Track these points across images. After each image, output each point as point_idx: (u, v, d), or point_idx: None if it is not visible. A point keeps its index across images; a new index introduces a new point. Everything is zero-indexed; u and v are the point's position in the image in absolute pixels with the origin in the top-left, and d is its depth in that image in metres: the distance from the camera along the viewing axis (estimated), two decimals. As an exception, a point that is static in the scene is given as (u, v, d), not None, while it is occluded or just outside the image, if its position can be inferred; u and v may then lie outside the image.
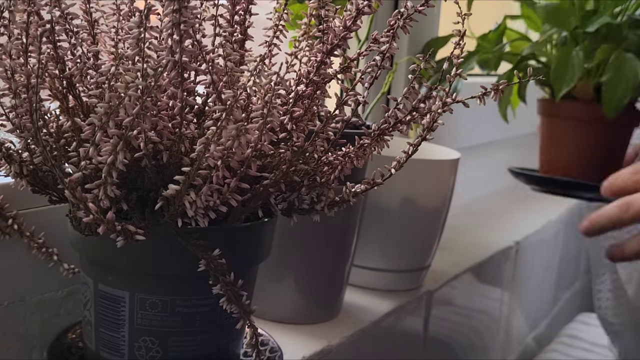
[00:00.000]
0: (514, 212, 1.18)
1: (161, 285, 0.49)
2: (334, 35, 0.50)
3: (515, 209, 1.16)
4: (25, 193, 0.51)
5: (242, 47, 0.53)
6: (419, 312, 0.86)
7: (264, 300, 0.68)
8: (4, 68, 0.45)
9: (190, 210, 0.45)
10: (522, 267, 1.21)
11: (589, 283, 1.85)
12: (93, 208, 0.42)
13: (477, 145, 1.31)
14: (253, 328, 0.49)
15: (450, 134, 1.17)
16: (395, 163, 0.53)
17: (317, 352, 0.67)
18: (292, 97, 0.51)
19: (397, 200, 0.81)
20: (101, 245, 0.48)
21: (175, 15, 0.42)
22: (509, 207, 1.14)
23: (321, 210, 0.54)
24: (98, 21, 0.52)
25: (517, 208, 1.15)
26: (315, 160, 0.52)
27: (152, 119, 0.44)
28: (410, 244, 0.84)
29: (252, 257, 0.53)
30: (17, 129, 0.47)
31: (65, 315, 0.61)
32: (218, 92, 0.47)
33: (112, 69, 0.44)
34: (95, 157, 0.44)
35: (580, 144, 0.94)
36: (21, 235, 0.56)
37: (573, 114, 0.93)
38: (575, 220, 1.54)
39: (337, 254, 0.71)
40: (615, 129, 0.93)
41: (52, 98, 0.50)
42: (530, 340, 1.41)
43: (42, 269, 0.58)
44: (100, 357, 0.52)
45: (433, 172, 0.83)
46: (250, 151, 0.45)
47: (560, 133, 0.95)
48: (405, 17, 0.49)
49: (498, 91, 0.50)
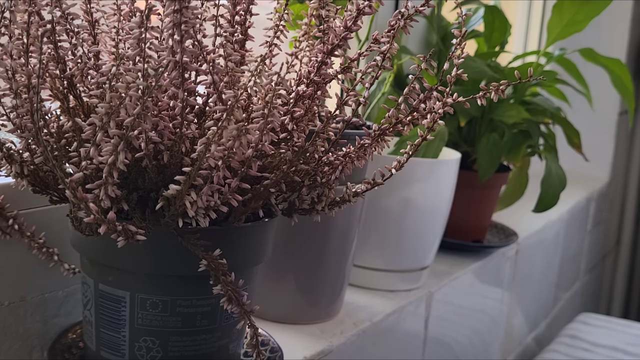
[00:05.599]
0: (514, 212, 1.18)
1: (162, 285, 0.49)
2: (335, 36, 0.50)
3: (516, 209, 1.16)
4: (26, 193, 0.51)
5: (242, 47, 0.53)
6: (419, 312, 0.86)
7: (264, 300, 0.68)
8: (4, 68, 0.46)
9: (191, 211, 0.45)
10: (522, 267, 1.21)
11: (589, 283, 1.85)
12: (94, 208, 0.42)
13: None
14: (253, 328, 0.49)
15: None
16: (395, 163, 0.53)
17: (317, 352, 0.67)
18: (292, 97, 0.51)
19: (397, 200, 0.81)
20: (102, 245, 0.48)
21: (176, 15, 0.42)
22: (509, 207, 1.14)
23: (322, 210, 0.54)
24: (99, 21, 0.53)
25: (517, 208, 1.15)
26: (316, 161, 0.52)
27: (153, 119, 0.44)
28: (410, 244, 0.84)
29: (253, 257, 0.53)
30: (18, 129, 0.47)
31: (66, 315, 0.61)
32: (219, 92, 0.47)
33: (113, 69, 0.44)
34: (96, 157, 0.44)
35: None
36: (22, 235, 0.56)
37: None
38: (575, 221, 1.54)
39: (337, 254, 0.71)
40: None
41: (52, 98, 0.50)
42: (530, 340, 1.41)
43: (42, 269, 0.58)
44: (100, 357, 0.52)
45: (433, 172, 0.83)
46: (251, 151, 0.45)
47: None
48: (406, 18, 0.49)
49: (498, 91, 0.50)
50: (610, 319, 1.49)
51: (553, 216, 1.34)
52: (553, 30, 1.06)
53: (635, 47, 1.88)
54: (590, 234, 1.73)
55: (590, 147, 1.23)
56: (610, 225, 1.98)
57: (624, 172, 2.03)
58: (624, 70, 1.08)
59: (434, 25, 1.03)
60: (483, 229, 1.08)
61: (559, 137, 1.06)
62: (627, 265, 2.13)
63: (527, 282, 1.29)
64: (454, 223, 0.95)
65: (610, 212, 1.95)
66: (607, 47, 1.55)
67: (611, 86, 1.11)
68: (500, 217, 1.18)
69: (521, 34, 1.69)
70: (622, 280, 2.13)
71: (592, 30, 1.19)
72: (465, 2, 1.08)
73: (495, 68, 1.00)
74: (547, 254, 1.39)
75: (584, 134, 1.09)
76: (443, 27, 1.04)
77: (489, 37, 1.03)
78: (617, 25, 1.78)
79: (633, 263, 2.14)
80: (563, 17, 1.05)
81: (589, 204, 1.64)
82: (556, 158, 1.04)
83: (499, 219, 1.17)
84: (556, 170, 1.02)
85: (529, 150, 1.06)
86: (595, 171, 1.75)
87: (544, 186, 1.01)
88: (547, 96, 1.12)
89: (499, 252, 1.08)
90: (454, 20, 0.57)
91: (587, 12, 1.04)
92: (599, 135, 1.77)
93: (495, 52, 1.04)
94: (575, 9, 1.04)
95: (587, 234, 1.69)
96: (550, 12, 1.06)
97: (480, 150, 0.98)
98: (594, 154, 1.37)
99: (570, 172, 1.15)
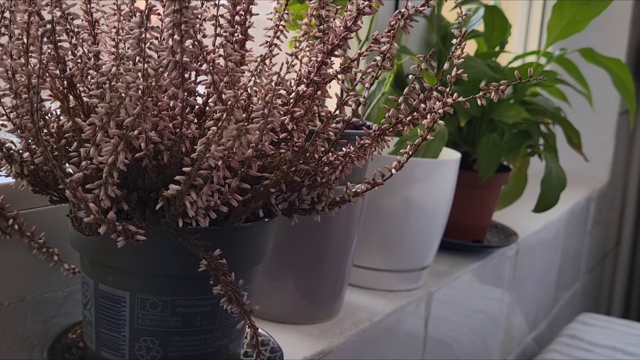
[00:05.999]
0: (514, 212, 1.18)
1: (162, 285, 0.49)
2: (335, 36, 0.50)
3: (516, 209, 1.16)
4: (26, 193, 0.51)
5: (242, 47, 0.53)
6: (419, 312, 0.86)
7: (264, 300, 0.68)
8: (4, 68, 0.46)
9: (191, 211, 0.45)
10: (522, 267, 1.21)
11: (589, 283, 1.85)
12: (94, 208, 0.42)
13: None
14: (253, 328, 0.49)
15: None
16: (395, 163, 0.53)
17: (317, 352, 0.67)
18: (292, 97, 0.51)
19: (397, 200, 0.81)
20: (102, 245, 0.48)
21: (176, 15, 0.42)
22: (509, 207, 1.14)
23: (322, 210, 0.54)
24: (99, 21, 0.52)
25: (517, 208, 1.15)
26: (316, 161, 0.52)
27: (152, 119, 0.44)
28: (410, 244, 0.84)
29: (253, 257, 0.53)
30: (18, 129, 0.47)
31: (66, 315, 0.61)
32: (219, 92, 0.47)
33: (113, 69, 0.44)
34: (96, 157, 0.44)
35: None
36: (22, 235, 0.56)
37: None
38: (575, 221, 1.54)
39: (337, 254, 0.71)
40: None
41: (52, 98, 0.50)
42: (530, 340, 1.41)
43: (42, 269, 0.58)
44: (100, 357, 0.52)
45: (433, 172, 0.83)
46: (251, 151, 0.45)
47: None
48: (406, 18, 0.49)
49: (498, 91, 0.50)
50: (610, 319, 1.49)
51: (553, 216, 1.34)
52: (553, 30, 1.06)
53: (635, 47, 1.88)
54: (590, 234, 1.73)
55: (590, 147, 1.23)
56: (610, 225, 1.98)
57: (624, 172, 2.03)
58: (624, 70, 1.08)
59: (434, 25, 1.03)
60: (483, 229, 1.08)
61: (559, 137, 1.06)
62: (627, 265, 2.13)
63: (527, 282, 1.29)
64: (454, 223, 0.95)
65: (610, 212, 1.95)
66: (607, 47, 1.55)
67: (611, 86, 1.11)
68: (500, 217, 1.18)
69: (521, 34, 1.69)
70: (622, 280, 2.13)
71: (592, 30, 1.19)
72: (465, 2, 1.08)
73: (495, 68, 1.00)
74: (547, 254, 1.39)
75: (584, 134, 1.09)
76: (443, 27, 1.04)
77: (489, 37, 1.04)
78: (617, 25, 1.78)
79: (633, 263, 2.14)
80: (563, 17, 1.05)
81: (589, 204, 1.64)
82: (556, 158, 1.04)
83: (499, 219, 1.17)
84: (556, 170, 1.02)
85: (529, 150, 1.06)
86: (595, 171, 1.75)
87: (543, 186, 1.01)
88: (547, 96, 1.12)
89: (499, 252, 1.08)
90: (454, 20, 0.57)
91: (587, 12, 1.04)
92: (599, 135, 1.77)
93: (495, 52, 1.04)
94: (575, 9, 1.04)
95: (587, 234, 1.69)
96: (550, 12, 1.06)
97: (480, 150, 0.98)
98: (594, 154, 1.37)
99: (570, 172, 1.15)
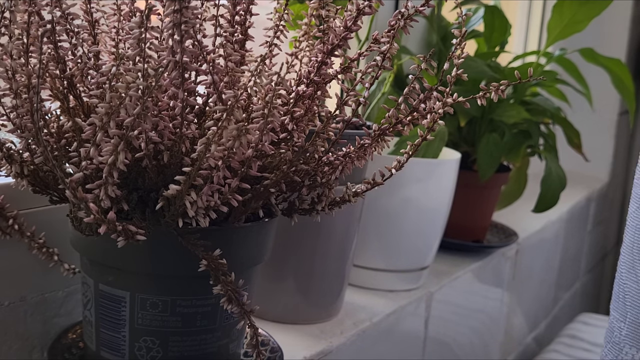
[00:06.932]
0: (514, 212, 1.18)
1: (162, 285, 0.49)
2: (335, 36, 0.50)
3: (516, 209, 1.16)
4: (26, 193, 0.51)
5: (242, 47, 0.53)
6: (419, 312, 0.86)
7: (264, 300, 0.68)
8: (4, 68, 0.46)
9: (191, 211, 0.45)
10: (522, 267, 1.21)
11: (589, 283, 1.85)
12: (94, 208, 0.42)
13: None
14: (253, 328, 0.49)
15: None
16: (395, 163, 0.53)
17: (317, 352, 0.67)
18: (292, 98, 0.51)
19: (397, 200, 0.81)
20: (102, 245, 0.48)
21: (176, 15, 0.42)
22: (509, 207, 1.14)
23: (322, 210, 0.54)
24: (99, 21, 0.52)
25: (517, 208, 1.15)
26: (316, 161, 0.52)
27: (152, 119, 0.44)
28: (410, 244, 0.84)
29: (253, 257, 0.53)
30: (18, 129, 0.47)
31: (66, 315, 0.61)
32: (219, 92, 0.47)
33: (113, 69, 0.44)
34: (96, 157, 0.44)
35: None
36: (22, 235, 0.56)
37: None
38: (575, 221, 1.54)
39: (337, 254, 0.71)
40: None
41: (52, 98, 0.50)
42: (530, 340, 1.41)
43: (42, 269, 0.58)
44: (100, 357, 0.52)
45: (433, 172, 0.83)
46: (251, 151, 0.45)
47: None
48: (406, 18, 0.49)
49: (498, 91, 0.50)
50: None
51: (553, 216, 1.34)
52: (553, 31, 1.06)
53: (635, 47, 1.88)
54: (590, 234, 1.73)
55: (590, 147, 1.23)
56: (610, 225, 1.98)
57: (624, 172, 2.03)
58: (624, 70, 1.08)
59: (434, 25, 1.03)
60: (483, 229, 1.08)
61: (559, 137, 1.06)
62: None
63: (527, 282, 1.29)
64: (454, 223, 0.95)
65: (610, 212, 1.95)
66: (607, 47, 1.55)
67: (611, 86, 1.11)
68: (500, 217, 1.18)
69: (521, 34, 1.69)
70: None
71: (592, 30, 1.19)
72: (465, 2, 1.08)
73: (495, 68, 1.00)
74: (547, 254, 1.39)
75: (584, 134, 1.09)
76: (443, 27, 1.04)
77: (489, 37, 1.04)
78: (617, 25, 1.78)
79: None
80: (563, 17, 1.05)
81: (589, 204, 1.64)
82: (556, 158, 1.04)
83: (499, 219, 1.17)
84: (556, 170, 1.02)
85: (529, 150, 1.06)
86: (595, 171, 1.75)
87: (543, 186, 1.01)
88: (547, 96, 1.12)
89: (499, 252, 1.08)
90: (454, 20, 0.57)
91: (587, 12, 1.04)
92: (599, 135, 1.77)
93: (495, 52, 1.04)
94: (575, 9, 1.04)
95: (587, 234, 1.69)
96: (550, 12, 1.06)
97: (480, 150, 0.98)
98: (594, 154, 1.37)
99: (570, 172, 1.15)
